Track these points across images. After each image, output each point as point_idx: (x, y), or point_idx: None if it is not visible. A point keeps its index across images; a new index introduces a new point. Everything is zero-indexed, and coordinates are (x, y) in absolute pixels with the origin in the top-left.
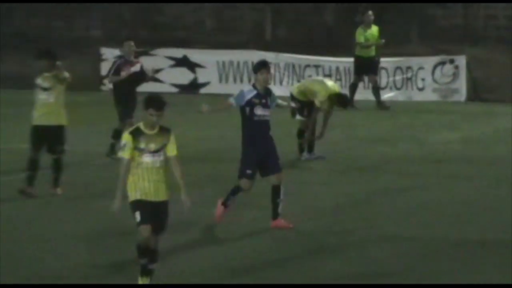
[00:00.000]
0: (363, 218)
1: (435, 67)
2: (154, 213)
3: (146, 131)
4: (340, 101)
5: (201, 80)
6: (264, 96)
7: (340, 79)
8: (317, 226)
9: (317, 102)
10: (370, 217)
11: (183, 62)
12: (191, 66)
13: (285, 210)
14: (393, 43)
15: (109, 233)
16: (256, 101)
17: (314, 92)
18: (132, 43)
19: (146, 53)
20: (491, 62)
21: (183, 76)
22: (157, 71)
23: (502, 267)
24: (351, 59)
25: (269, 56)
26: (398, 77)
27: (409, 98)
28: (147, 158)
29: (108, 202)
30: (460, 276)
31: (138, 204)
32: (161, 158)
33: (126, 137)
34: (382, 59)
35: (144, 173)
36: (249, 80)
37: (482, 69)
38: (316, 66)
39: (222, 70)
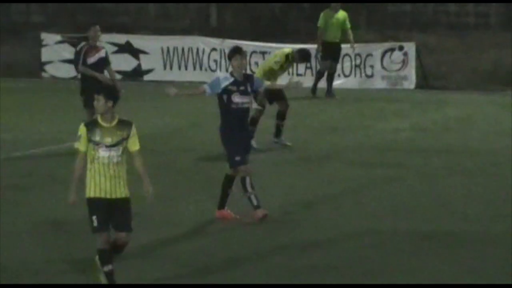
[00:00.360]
0: (315, 211)
1: (384, 54)
2: (112, 212)
3: (103, 123)
4: (302, 55)
5: (144, 66)
6: (243, 83)
7: None
8: (274, 222)
9: (273, 64)
10: (321, 209)
11: (126, 49)
12: (135, 52)
13: (237, 204)
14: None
15: (54, 224)
16: (233, 88)
17: (272, 61)
18: (98, 28)
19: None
20: (440, 49)
21: (126, 62)
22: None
23: (449, 259)
24: (297, 46)
25: (214, 42)
26: (347, 64)
27: (357, 86)
28: (103, 153)
29: (48, 191)
30: (408, 269)
31: (94, 206)
32: (119, 153)
33: (81, 129)
34: None
35: (100, 168)
36: (194, 67)
37: (432, 56)
38: (263, 53)
39: (166, 57)
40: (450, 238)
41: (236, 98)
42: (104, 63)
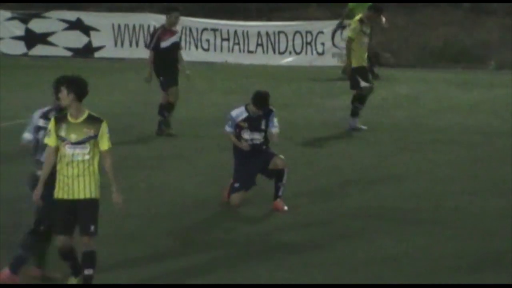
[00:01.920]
0: (266, 186)
1: (334, 31)
2: (76, 213)
3: (70, 118)
4: (374, 7)
5: (95, 43)
6: (257, 118)
7: (238, 43)
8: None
9: (352, 34)
10: (268, 185)
11: (77, 25)
12: (85, 29)
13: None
14: (291, 7)
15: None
16: (244, 125)
17: (350, 33)
18: (178, 14)
19: (38, 16)
20: (391, 26)
21: (77, 39)
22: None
23: (397, 236)
24: (249, 23)
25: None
26: (298, 42)
27: (308, 63)
28: (69, 150)
29: None
30: (355, 245)
31: (57, 207)
32: (86, 151)
33: (51, 122)
34: (280, 23)
35: (64, 167)
36: (145, 44)
37: (382, 34)
38: (214, 30)
39: (117, 34)
40: (399, 214)
41: (246, 135)
42: (177, 47)
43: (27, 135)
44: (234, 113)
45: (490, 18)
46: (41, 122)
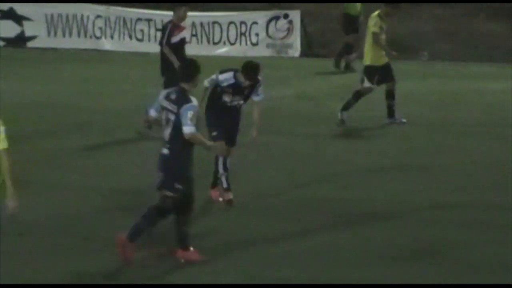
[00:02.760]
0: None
1: (269, 22)
2: None
3: None
4: (392, 3)
5: (28, 33)
6: (242, 88)
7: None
8: None
9: (373, 30)
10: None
11: (9, 15)
12: (18, 19)
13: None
14: None
15: None
16: (228, 90)
17: (371, 29)
18: (188, 8)
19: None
20: (325, 17)
21: (10, 29)
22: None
23: (333, 226)
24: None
25: (99, 9)
26: (232, 32)
27: (242, 54)
28: None
29: None
30: (290, 236)
31: None
32: None
33: None
34: (215, 14)
35: None
36: (78, 35)
37: (316, 24)
38: (148, 20)
39: (50, 24)
40: (332, 205)
41: (226, 98)
42: (184, 43)
43: (152, 112)
44: (221, 77)
45: (424, 8)
46: (164, 103)
